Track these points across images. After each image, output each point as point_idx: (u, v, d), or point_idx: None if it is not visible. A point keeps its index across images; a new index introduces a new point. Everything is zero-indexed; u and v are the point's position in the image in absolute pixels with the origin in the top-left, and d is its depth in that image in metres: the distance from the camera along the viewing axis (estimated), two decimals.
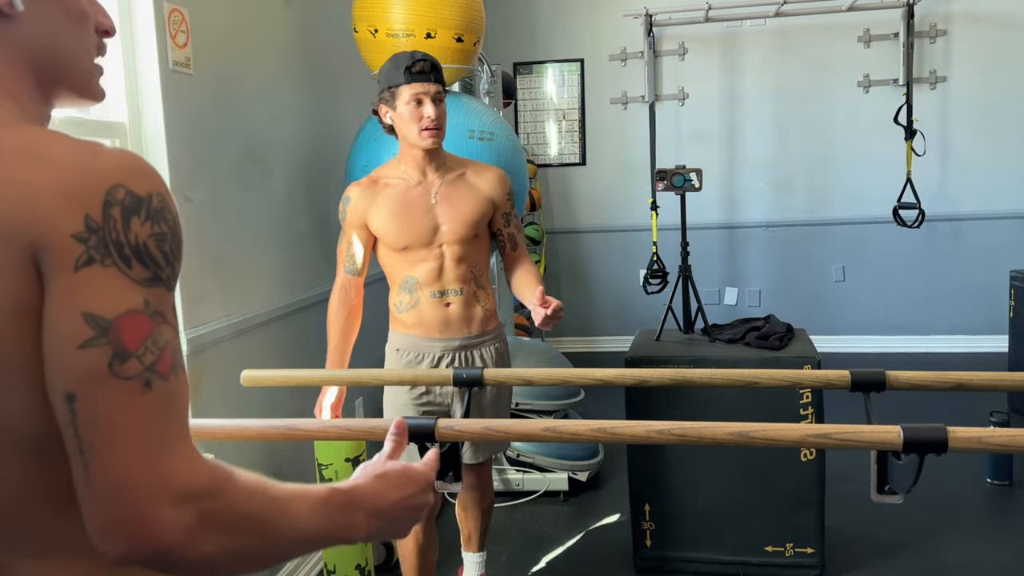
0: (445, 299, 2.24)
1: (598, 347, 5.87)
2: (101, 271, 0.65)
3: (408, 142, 2.19)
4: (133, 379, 0.65)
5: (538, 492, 3.44)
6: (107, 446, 0.64)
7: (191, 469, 0.67)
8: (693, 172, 3.18)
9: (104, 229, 0.66)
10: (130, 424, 0.65)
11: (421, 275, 2.22)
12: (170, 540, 0.64)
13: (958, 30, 5.28)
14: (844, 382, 1.73)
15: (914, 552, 2.87)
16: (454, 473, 1.51)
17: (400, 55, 2.19)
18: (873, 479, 1.41)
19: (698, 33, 5.53)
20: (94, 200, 0.66)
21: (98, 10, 0.84)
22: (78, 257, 0.65)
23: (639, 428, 1.44)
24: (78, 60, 0.81)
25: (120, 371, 0.65)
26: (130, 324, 0.66)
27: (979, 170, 5.33)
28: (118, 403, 0.65)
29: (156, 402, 0.66)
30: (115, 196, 0.67)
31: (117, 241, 0.66)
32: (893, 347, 5.49)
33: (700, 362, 2.70)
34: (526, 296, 2.24)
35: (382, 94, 2.20)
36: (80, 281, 0.65)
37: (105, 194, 0.67)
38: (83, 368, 0.64)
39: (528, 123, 5.88)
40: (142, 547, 0.64)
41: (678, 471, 2.75)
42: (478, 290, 2.29)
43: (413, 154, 2.21)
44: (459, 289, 2.24)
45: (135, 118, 2.13)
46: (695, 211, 4.04)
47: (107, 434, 0.64)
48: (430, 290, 2.23)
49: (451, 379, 1.87)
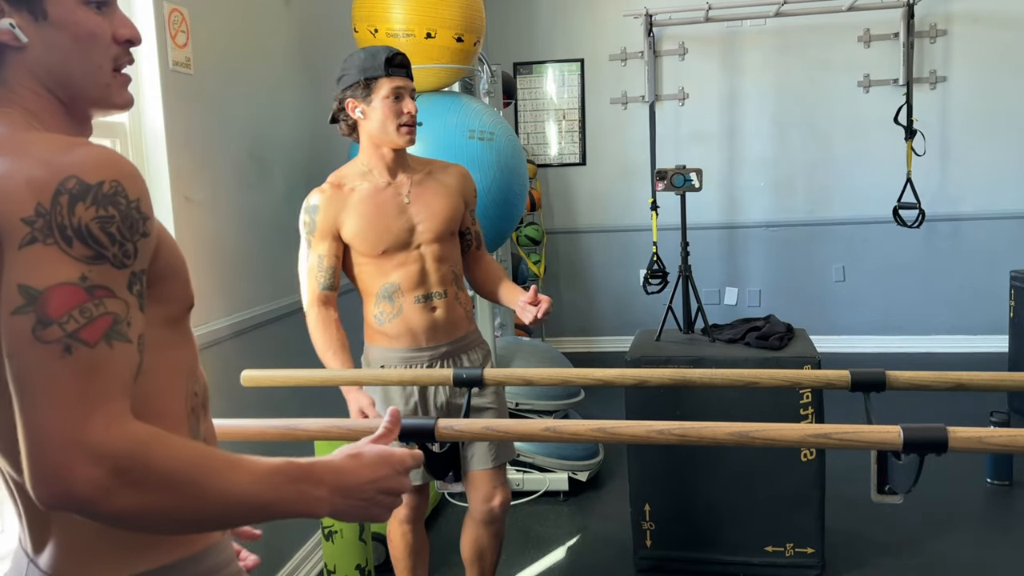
0: (431, 303, 2.12)
1: (598, 347, 5.87)
2: (42, 249, 0.74)
3: (379, 140, 2.08)
4: (53, 343, 0.72)
5: (538, 492, 3.44)
6: (30, 403, 0.72)
7: (110, 430, 0.72)
8: (693, 172, 3.18)
9: (51, 214, 0.75)
10: (48, 384, 0.72)
11: (402, 280, 2.10)
12: (83, 493, 0.71)
13: (958, 30, 5.28)
14: (844, 382, 1.73)
15: (914, 552, 2.87)
16: (454, 473, 1.51)
17: (374, 47, 2.07)
18: (873, 479, 1.41)
19: (698, 33, 5.52)
20: (47, 189, 0.75)
21: (118, 22, 0.91)
22: (23, 237, 0.74)
23: (639, 428, 1.45)
24: (89, 76, 0.89)
25: (41, 336, 0.72)
26: (59, 294, 0.73)
27: (979, 170, 5.33)
28: (38, 364, 0.72)
29: (76, 366, 0.72)
30: (65, 185, 0.76)
31: (61, 224, 0.75)
32: (893, 347, 5.49)
33: (700, 362, 2.70)
34: (505, 294, 2.17)
35: (351, 87, 2.06)
36: (21, 257, 0.74)
37: (57, 184, 0.76)
38: (13, 332, 0.73)
39: (528, 123, 5.88)
40: (60, 497, 0.71)
41: (678, 471, 2.75)
42: (459, 291, 2.18)
43: (382, 153, 2.10)
44: (443, 292, 2.14)
45: (135, 118, 2.13)
46: (695, 211, 4.04)
47: (30, 392, 0.72)
48: (414, 295, 2.11)
49: (451, 379, 1.87)
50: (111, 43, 0.90)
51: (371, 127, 2.07)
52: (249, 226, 2.60)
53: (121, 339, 0.76)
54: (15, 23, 0.83)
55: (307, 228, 2.11)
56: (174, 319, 0.92)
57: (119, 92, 0.93)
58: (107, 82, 0.91)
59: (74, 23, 0.86)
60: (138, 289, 0.79)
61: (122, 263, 0.78)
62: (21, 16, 0.84)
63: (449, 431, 1.46)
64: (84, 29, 0.87)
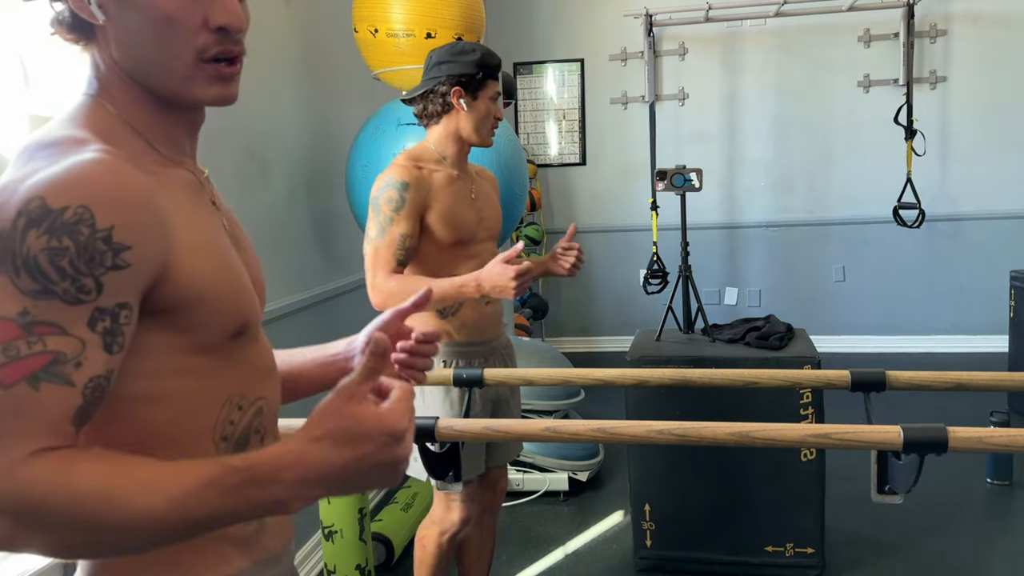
0: (486, 298, 2.07)
1: (598, 347, 5.87)
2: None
3: (467, 134, 2.07)
4: None
5: (538, 492, 3.44)
6: None
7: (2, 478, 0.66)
8: (693, 172, 3.18)
9: (8, 239, 0.68)
10: None
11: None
12: None
13: (958, 30, 5.28)
14: (844, 382, 1.73)
15: (914, 552, 2.87)
16: (454, 473, 1.51)
17: (482, 47, 2.07)
18: (873, 479, 1.41)
19: (698, 33, 5.53)
20: (10, 210, 0.69)
21: (213, 5, 0.79)
22: None
23: (639, 428, 1.45)
24: (162, 65, 0.80)
25: None
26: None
27: (979, 170, 5.33)
28: None
29: None
30: (28, 207, 0.69)
31: (13, 252, 0.68)
32: (893, 347, 5.49)
33: (700, 362, 2.70)
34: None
35: (465, 77, 2.03)
36: None
37: (20, 205, 0.69)
38: None
39: (528, 123, 5.88)
40: None
41: (678, 471, 2.75)
42: None
43: (461, 147, 2.10)
44: None
45: None
46: (695, 211, 4.04)
47: None
48: None
49: (451, 379, 1.87)
50: (197, 29, 0.79)
51: (466, 121, 2.06)
52: (249, 226, 2.59)
53: (55, 380, 0.69)
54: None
55: (393, 205, 1.99)
56: (207, 346, 0.82)
57: (203, 86, 0.81)
58: (185, 74, 0.80)
59: (150, 3, 0.77)
60: (105, 326, 0.71)
61: (76, 299, 0.69)
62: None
63: (449, 431, 1.46)
64: (160, 11, 0.77)
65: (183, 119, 0.86)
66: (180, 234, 0.78)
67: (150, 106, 0.83)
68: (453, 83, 2.03)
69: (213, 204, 0.89)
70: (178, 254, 0.77)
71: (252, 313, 0.88)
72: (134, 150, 0.80)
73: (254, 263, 0.96)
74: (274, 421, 0.95)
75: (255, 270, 0.95)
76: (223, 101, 0.84)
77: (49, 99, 2.09)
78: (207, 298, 0.80)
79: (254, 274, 0.94)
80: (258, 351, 0.92)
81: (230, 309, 0.84)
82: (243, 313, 0.85)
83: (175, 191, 0.82)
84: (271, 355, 0.96)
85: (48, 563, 1.69)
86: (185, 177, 0.86)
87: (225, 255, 0.85)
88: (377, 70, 2.96)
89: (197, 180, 0.88)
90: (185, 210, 0.81)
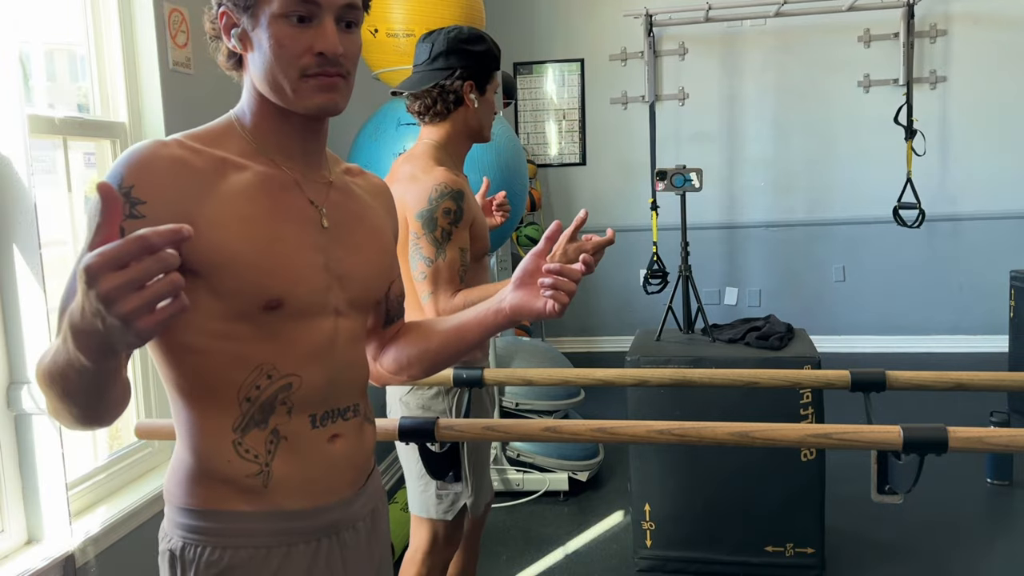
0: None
1: (598, 347, 5.87)
2: None
3: (476, 131, 1.94)
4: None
5: (538, 492, 3.44)
6: None
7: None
8: (693, 172, 3.18)
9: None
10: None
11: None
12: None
13: (958, 30, 5.28)
14: (844, 382, 1.73)
15: (914, 552, 2.87)
16: (454, 473, 1.51)
17: (487, 35, 1.91)
18: (873, 479, 1.41)
19: (698, 33, 5.52)
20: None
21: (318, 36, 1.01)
22: None
23: (639, 428, 1.45)
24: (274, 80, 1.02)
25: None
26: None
27: (979, 170, 5.33)
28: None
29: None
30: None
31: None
32: (893, 347, 5.49)
33: (700, 362, 2.70)
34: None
35: (477, 71, 1.87)
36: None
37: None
38: None
39: (528, 123, 5.88)
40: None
41: (678, 471, 2.75)
42: None
43: (468, 146, 1.96)
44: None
45: (135, 118, 2.13)
46: (695, 211, 4.04)
47: None
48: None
49: (451, 379, 1.87)
50: (302, 53, 1.00)
51: (476, 117, 1.91)
52: None
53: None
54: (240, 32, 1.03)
55: (452, 217, 1.80)
56: (242, 314, 1.00)
57: (306, 95, 1.02)
58: (292, 87, 1.01)
59: (271, 34, 1.00)
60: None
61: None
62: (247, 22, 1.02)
63: (449, 431, 1.46)
64: (275, 39, 1.00)
65: (297, 129, 1.07)
66: (209, 208, 0.97)
67: (271, 118, 1.06)
68: (466, 77, 1.86)
69: (311, 203, 1.07)
70: (203, 222, 0.96)
71: (289, 293, 1.01)
72: (235, 149, 1.04)
73: (355, 260, 1.11)
74: (315, 400, 1.06)
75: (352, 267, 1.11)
76: (325, 109, 1.04)
77: (49, 99, 2.09)
78: (232, 268, 0.97)
79: (346, 268, 1.09)
80: (304, 331, 1.05)
81: (258, 283, 0.99)
82: (274, 290, 1.00)
83: (242, 180, 1.02)
84: (329, 340, 1.07)
85: (48, 563, 1.70)
86: (272, 174, 1.05)
87: (268, 238, 1.01)
88: (377, 70, 2.96)
89: (291, 179, 1.06)
90: (235, 194, 1.00)
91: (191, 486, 1.05)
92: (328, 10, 1.01)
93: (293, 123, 1.06)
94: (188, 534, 1.04)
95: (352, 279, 1.11)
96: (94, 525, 1.84)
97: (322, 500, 1.09)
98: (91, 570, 1.81)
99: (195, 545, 1.04)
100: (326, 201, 1.10)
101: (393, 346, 1.29)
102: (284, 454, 1.05)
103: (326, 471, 1.09)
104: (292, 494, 1.06)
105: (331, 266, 1.07)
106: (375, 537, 1.19)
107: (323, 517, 1.09)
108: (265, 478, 1.04)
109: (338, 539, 1.11)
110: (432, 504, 1.92)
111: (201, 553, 1.03)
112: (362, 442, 1.15)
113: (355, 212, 1.14)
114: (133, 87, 2.12)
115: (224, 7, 1.04)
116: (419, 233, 1.80)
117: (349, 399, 1.12)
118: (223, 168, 1.01)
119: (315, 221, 1.07)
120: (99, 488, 1.98)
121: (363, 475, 1.16)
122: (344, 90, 1.05)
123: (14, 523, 1.76)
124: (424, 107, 1.90)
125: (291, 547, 1.06)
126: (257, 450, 1.03)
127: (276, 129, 1.07)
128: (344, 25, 1.04)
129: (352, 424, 1.12)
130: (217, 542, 1.03)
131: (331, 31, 1.01)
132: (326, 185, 1.11)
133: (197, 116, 2.35)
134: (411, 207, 1.80)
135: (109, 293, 0.71)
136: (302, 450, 1.06)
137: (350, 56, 1.04)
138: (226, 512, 1.04)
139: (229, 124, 1.08)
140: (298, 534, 1.07)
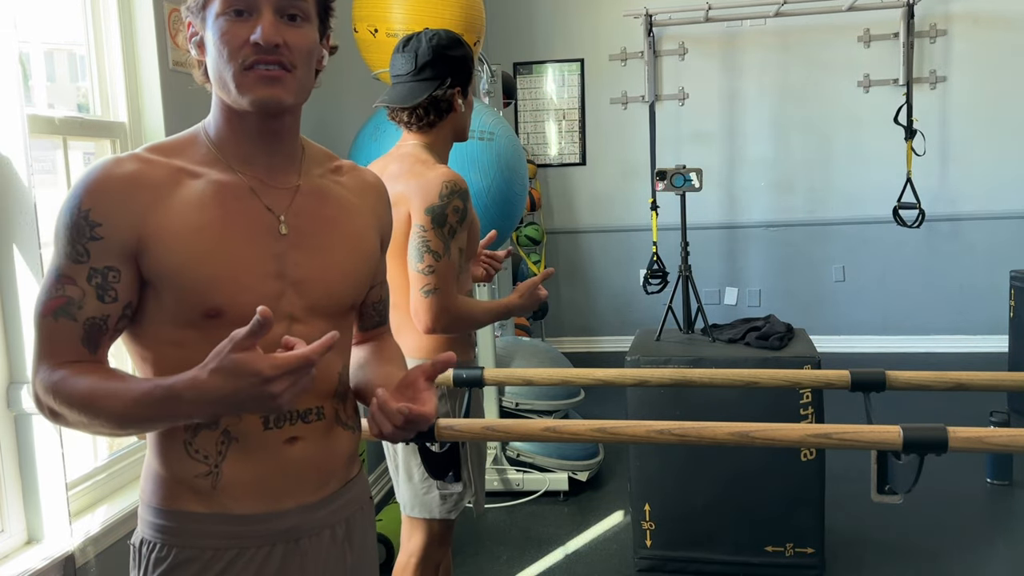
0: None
1: (598, 347, 5.87)
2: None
3: (460, 135, 1.96)
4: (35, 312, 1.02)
5: (538, 492, 3.44)
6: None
7: (40, 375, 1.00)
8: (693, 172, 3.18)
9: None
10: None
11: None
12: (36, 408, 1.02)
13: (958, 30, 5.28)
14: (844, 382, 1.73)
15: (914, 552, 2.87)
16: (454, 473, 1.51)
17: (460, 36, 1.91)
18: (873, 479, 1.41)
19: (698, 33, 5.52)
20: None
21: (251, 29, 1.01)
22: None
23: (639, 428, 1.45)
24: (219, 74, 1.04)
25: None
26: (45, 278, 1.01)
27: (979, 170, 5.33)
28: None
29: (36, 331, 1.01)
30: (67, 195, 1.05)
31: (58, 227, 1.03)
32: (893, 347, 5.49)
33: (700, 362, 2.70)
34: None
35: (464, 77, 1.89)
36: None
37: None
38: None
39: (528, 123, 5.88)
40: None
41: (678, 471, 2.75)
42: None
43: (450, 148, 1.96)
44: None
45: (135, 118, 2.13)
46: (695, 211, 4.04)
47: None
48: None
49: (451, 380, 1.87)
50: (243, 46, 1.00)
51: (461, 120, 1.93)
52: None
53: (67, 317, 0.99)
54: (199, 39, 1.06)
55: (458, 216, 1.78)
56: (188, 321, 1.02)
57: (247, 88, 1.01)
58: (236, 82, 1.02)
59: (215, 31, 1.02)
60: (97, 282, 0.99)
61: (77, 260, 0.99)
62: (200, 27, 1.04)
63: (449, 431, 1.46)
64: (219, 35, 1.02)
65: (254, 132, 1.06)
66: (159, 220, 1.01)
67: (230, 123, 1.07)
68: (454, 84, 1.87)
69: (268, 210, 1.07)
70: (153, 234, 1.00)
71: (230, 301, 1.02)
72: (196, 157, 1.06)
73: (317, 265, 1.10)
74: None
75: (313, 272, 1.09)
76: (267, 103, 1.02)
77: (48, 99, 2.08)
78: (175, 279, 1.01)
79: (305, 274, 1.08)
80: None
81: (198, 292, 1.01)
82: (215, 299, 1.02)
83: (195, 189, 1.03)
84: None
85: (48, 563, 1.70)
86: (227, 181, 1.05)
87: (212, 248, 1.02)
88: (377, 70, 2.96)
89: (246, 186, 1.06)
90: (185, 204, 1.02)
91: (154, 484, 1.08)
92: (266, 2, 1.00)
93: (248, 125, 1.06)
94: (147, 530, 1.08)
95: (312, 285, 1.08)
96: (94, 525, 1.84)
97: (276, 505, 1.07)
98: (91, 570, 1.81)
99: (151, 541, 1.07)
100: (288, 207, 1.08)
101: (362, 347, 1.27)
102: (235, 455, 1.05)
103: (281, 474, 1.07)
104: (243, 496, 1.06)
105: (287, 272, 1.06)
106: (350, 546, 1.15)
107: (278, 523, 1.07)
108: (215, 479, 1.05)
109: (297, 546, 1.08)
110: (436, 504, 1.92)
111: (152, 549, 1.07)
112: (331, 447, 1.11)
113: (327, 216, 1.12)
114: (133, 87, 2.12)
115: (188, 18, 1.06)
116: (427, 227, 1.78)
117: (311, 402, 1.08)
118: (178, 178, 1.03)
119: (271, 228, 1.06)
120: (99, 488, 1.98)
121: (331, 480, 1.12)
122: (289, 84, 1.02)
123: (14, 523, 1.76)
124: (416, 117, 1.88)
125: (241, 551, 1.06)
126: (207, 450, 1.04)
127: (235, 134, 1.07)
128: (287, 18, 1.02)
129: (316, 427, 1.09)
130: (167, 540, 1.06)
131: (267, 21, 1.00)
132: (290, 190, 1.09)
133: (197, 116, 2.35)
134: (417, 201, 1.78)
135: (283, 393, 0.91)
136: (254, 451, 1.05)
137: (296, 49, 1.02)
138: (179, 512, 1.06)
139: (196, 133, 1.10)
140: (249, 538, 1.06)
